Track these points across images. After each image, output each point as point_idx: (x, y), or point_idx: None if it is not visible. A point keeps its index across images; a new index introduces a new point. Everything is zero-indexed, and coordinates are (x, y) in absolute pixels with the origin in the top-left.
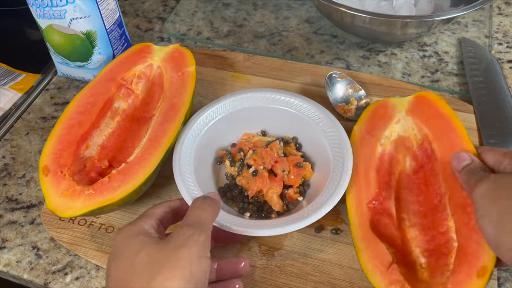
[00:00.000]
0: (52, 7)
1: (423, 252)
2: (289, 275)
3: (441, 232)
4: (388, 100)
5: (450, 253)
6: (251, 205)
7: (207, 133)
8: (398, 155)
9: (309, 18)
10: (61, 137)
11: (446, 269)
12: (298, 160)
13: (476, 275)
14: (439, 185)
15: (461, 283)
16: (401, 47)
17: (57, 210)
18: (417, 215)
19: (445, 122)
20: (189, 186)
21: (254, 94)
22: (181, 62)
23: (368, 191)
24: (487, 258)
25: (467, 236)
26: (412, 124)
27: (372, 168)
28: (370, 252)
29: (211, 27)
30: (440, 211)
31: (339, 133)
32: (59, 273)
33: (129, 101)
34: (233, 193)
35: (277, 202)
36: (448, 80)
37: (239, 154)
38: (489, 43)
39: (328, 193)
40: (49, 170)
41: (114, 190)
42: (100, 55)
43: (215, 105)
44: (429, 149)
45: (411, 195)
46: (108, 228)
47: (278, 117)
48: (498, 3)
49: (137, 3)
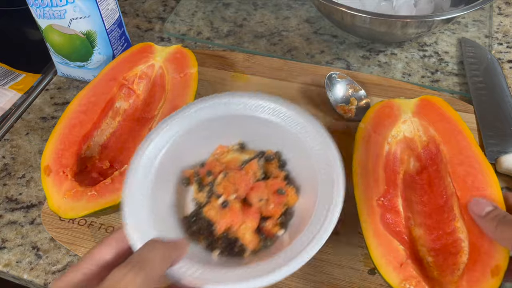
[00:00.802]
0: (52, 7)
1: (429, 251)
2: (289, 275)
3: (447, 232)
4: (393, 101)
5: (459, 252)
6: (220, 241)
7: (173, 146)
8: (403, 155)
9: (309, 18)
10: (63, 136)
11: (456, 268)
12: (279, 186)
13: (490, 274)
14: (444, 186)
15: (476, 281)
16: (401, 47)
17: (59, 210)
18: (421, 215)
19: (452, 125)
20: (139, 224)
21: (232, 99)
22: (183, 63)
23: (377, 188)
24: (500, 257)
25: (479, 235)
26: (418, 126)
27: (380, 166)
28: (383, 249)
29: (211, 27)
30: (446, 211)
31: (329, 151)
32: (59, 273)
33: (130, 101)
34: (200, 225)
35: (251, 240)
36: (448, 80)
37: (207, 177)
38: (489, 43)
39: (315, 229)
40: (51, 170)
41: (117, 192)
42: (100, 55)
43: (184, 112)
44: (435, 151)
45: (415, 195)
46: (108, 228)
47: (260, 127)
48: (498, 3)
49: (137, 3)
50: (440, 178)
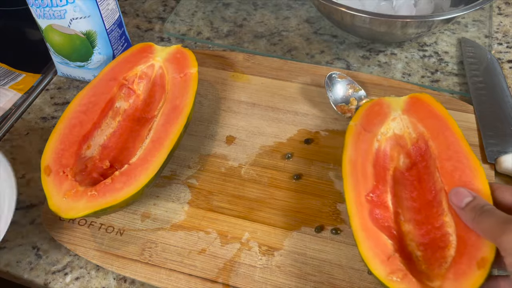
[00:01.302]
0: (52, 7)
1: (418, 246)
2: (289, 275)
3: (436, 226)
4: (383, 99)
5: (447, 246)
6: None
7: None
8: (392, 152)
9: (309, 18)
10: (63, 136)
11: (444, 261)
12: None
13: (477, 266)
14: (433, 182)
15: (462, 273)
16: (401, 47)
17: (59, 210)
18: (411, 211)
19: (441, 121)
20: None
21: None
22: (183, 63)
23: (366, 184)
24: (487, 249)
25: (466, 229)
26: (408, 123)
27: (369, 162)
28: (370, 242)
29: (211, 27)
30: (435, 206)
31: None
32: (59, 273)
33: (130, 101)
34: None
35: None
36: (448, 80)
37: None
38: (489, 43)
39: None
40: (51, 170)
41: (117, 192)
42: (100, 55)
43: None
44: (424, 148)
45: (405, 192)
46: (108, 228)
47: None
48: (498, 3)
49: (137, 3)
50: (429, 174)
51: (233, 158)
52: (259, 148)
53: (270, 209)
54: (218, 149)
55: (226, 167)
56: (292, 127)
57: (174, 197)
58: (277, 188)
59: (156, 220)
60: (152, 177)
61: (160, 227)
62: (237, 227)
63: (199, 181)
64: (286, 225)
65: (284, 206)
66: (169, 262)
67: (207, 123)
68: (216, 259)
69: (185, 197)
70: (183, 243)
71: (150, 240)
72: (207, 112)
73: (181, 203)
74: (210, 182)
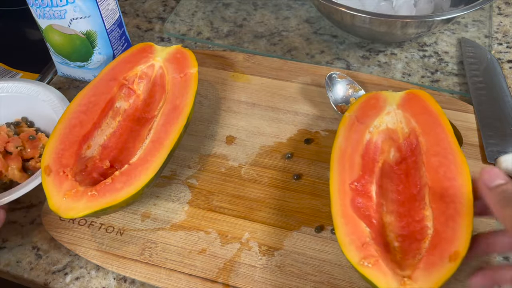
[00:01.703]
0: (52, 7)
1: (397, 237)
2: (289, 275)
3: (416, 220)
4: (380, 93)
5: (424, 239)
6: None
7: None
8: (384, 145)
9: (309, 18)
10: (63, 136)
11: (418, 253)
12: (30, 134)
13: (448, 259)
14: (419, 176)
15: (433, 264)
16: (401, 47)
17: (59, 210)
18: (395, 203)
19: (433, 118)
20: None
21: None
22: (183, 64)
23: (352, 173)
24: (460, 244)
25: (444, 223)
26: (401, 118)
27: (358, 153)
28: (348, 228)
29: (211, 27)
30: (417, 200)
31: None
32: (59, 273)
33: (130, 101)
34: None
35: (21, 176)
36: (448, 80)
37: None
38: (489, 43)
39: None
40: (51, 170)
41: (117, 192)
42: (100, 55)
43: None
44: (415, 143)
45: (391, 184)
46: (108, 228)
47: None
48: (498, 3)
49: (137, 3)
50: (416, 169)
51: (233, 158)
52: (259, 148)
53: (270, 209)
54: (218, 149)
55: (226, 167)
56: (292, 127)
57: (174, 197)
58: (277, 188)
59: (156, 220)
60: (152, 177)
61: (160, 227)
62: (237, 227)
63: (199, 181)
64: (286, 225)
65: (284, 206)
66: (169, 262)
67: (207, 123)
68: (216, 259)
69: (185, 197)
70: (183, 243)
71: (150, 240)
72: (207, 112)
73: (181, 203)
74: (210, 182)
